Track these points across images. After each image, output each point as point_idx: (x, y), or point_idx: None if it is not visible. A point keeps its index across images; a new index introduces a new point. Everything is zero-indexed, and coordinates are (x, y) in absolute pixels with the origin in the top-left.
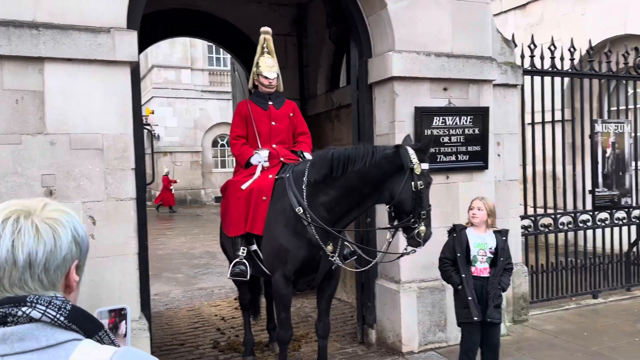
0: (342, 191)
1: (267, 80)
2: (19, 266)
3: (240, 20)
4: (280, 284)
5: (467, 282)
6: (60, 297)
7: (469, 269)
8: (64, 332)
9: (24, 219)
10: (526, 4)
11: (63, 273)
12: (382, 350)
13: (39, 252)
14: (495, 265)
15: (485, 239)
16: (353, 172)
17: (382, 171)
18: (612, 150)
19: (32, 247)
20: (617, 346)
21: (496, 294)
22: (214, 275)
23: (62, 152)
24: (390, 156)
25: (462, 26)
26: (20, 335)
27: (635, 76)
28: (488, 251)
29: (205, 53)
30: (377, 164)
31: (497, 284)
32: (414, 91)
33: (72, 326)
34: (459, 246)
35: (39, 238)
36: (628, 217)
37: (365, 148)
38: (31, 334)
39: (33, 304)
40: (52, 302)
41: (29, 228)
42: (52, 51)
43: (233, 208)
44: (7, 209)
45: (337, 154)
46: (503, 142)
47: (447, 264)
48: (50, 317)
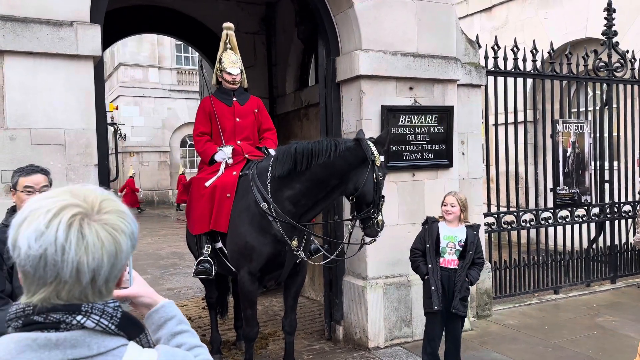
0: (308, 184)
1: (230, 76)
2: (82, 281)
3: (208, 18)
4: (246, 281)
5: (433, 273)
6: (110, 304)
7: (437, 260)
8: (113, 339)
9: (87, 225)
10: (491, 7)
11: (118, 278)
12: (349, 346)
13: (103, 267)
14: (464, 258)
15: (455, 232)
16: (318, 165)
17: (347, 163)
18: (573, 149)
19: (98, 261)
20: (576, 339)
21: (463, 286)
22: (182, 275)
23: (23, 147)
24: (352, 148)
25: (428, 27)
26: (72, 342)
27: (595, 78)
28: (457, 244)
29: (174, 52)
30: (342, 156)
31: (464, 277)
32: (381, 90)
33: (120, 332)
34: (429, 237)
35: (103, 252)
36: (588, 214)
37: (327, 141)
38: (83, 341)
39: (88, 314)
40: (105, 311)
41: (94, 239)
42: (12, 44)
43: (197, 206)
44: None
45: (301, 148)
46: (467, 141)
47: (417, 255)
48: (102, 327)
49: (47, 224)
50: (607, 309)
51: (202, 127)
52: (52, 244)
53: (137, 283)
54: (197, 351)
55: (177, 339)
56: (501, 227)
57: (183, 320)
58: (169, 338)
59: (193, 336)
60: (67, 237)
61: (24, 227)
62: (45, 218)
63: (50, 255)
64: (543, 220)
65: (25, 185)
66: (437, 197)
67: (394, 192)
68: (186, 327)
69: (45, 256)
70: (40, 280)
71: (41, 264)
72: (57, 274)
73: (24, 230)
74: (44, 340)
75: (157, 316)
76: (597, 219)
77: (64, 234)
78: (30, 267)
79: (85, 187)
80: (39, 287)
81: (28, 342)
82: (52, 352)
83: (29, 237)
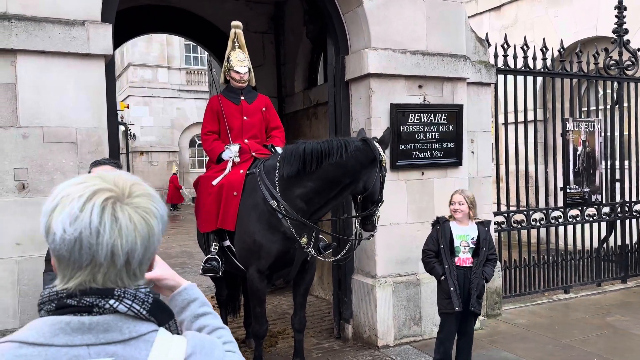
0: (321, 182)
1: (238, 74)
2: (117, 264)
3: (217, 18)
4: (255, 279)
5: (450, 273)
6: (143, 289)
7: (452, 260)
8: (144, 324)
9: (120, 209)
10: (501, 6)
11: (150, 261)
12: (358, 344)
13: (137, 249)
14: (477, 255)
15: (467, 230)
16: (331, 164)
17: (358, 162)
18: (583, 148)
19: (132, 244)
20: (587, 338)
21: (479, 284)
22: (191, 274)
23: (35, 145)
24: (362, 148)
25: (437, 25)
26: (105, 326)
27: (605, 76)
28: (470, 242)
29: (183, 52)
30: (354, 156)
31: (480, 274)
32: (390, 88)
33: (151, 318)
34: (442, 238)
35: (136, 234)
36: (598, 213)
37: (337, 141)
38: (115, 325)
39: (120, 298)
40: (137, 296)
41: (127, 222)
42: (25, 43)
43: (204, 204)
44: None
45: (309, 148)
46: (477, 139)
47: (430, 256)
48: (134, 312)
49: (81, 208)
50: (618, 309)
51: (210, 125)
52: (87, 227)
53: (160, 266)
54: (220, 333)
55: (200, 320)
56: (511, 226)
57: (205, 303)
58: (192, 320)
59: (215, 318)
60: (101, 221)
61: (57, 212)
62: (78, 202)
63: (85, 238)
64: (553, 219)
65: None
66: (447, 195)
67: (403, 190)
68: (208, 309)
69: (81, 239)
70: (75, 264)
71: (76, 247)
72: (93, 257)
73: (57, 215)
74: (77, 324)
75: (180, 298)
76: (607, 218)
77: (98, 217)
78: (65, 251)
79: (113, 173)
80: (75, 271)
81: (61, 325)
82: (85, 336)
83: (63, 222)
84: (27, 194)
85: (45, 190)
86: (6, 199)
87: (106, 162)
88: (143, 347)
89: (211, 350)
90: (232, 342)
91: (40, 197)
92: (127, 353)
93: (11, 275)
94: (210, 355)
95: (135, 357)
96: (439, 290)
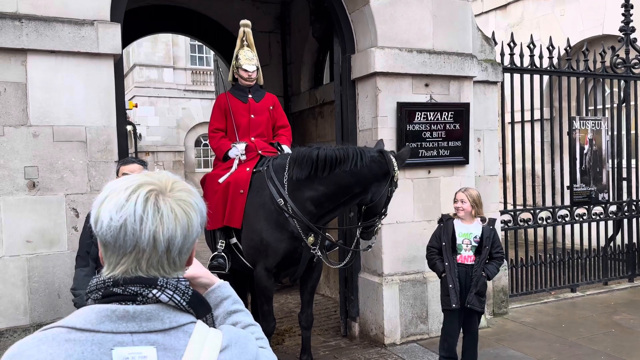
0: (333, 188)
1: (246, 73)
2: (159, 250)
3: (224, 17)
4: (262, 277)
5: (450, 270)
6: (183, 281)
7: (454, 257)
8: (183, 315)
9: (162, 200)
10: (506, 4)
11: (189, 253)
12: (365, 342)
13: (177, 237)
14: (480, 253)
15: (470, 228)
16: (345, 171)
17: (372, 173)
18: (590, 147)
19: (172, 232)
20: (594, 337)
21: (479, 281)
22: None
23: (46, 144)
24: (377, 160)
25: (443, 23)
26: (148, 315)
27: (612, 74)
28: (473, 240)
29: (188, 52)
30: (368, 167)
31: (480, 272)
32: (396, 87)
33: (190, 310)
34: (444, 235)
35: (176, 223)
36: (605, 212)
37: (353, 149)
38: (157, 314)
39: (162, 288)
40: (178, 287)
41: (168, 212)
42: (35, 43)
43: (211, 201)
44: (140, 184)
45: (323, 155)
46: (483, 138)
47: (434, 253)
48: (175, 302)
49: (127, 198)
50: (624, 307)
51: (217, 123)
52: (132, 214)
53: (195, 265)
54: (252, 329)
55: (233, 317)
56: (517, 224)
57: (238, 300)
58: (225, 316)
59: (247, 315)
60: (145, 209)
61: (105, 203)
62: (125, 193)
63: (129, 224)
64: (560, 218)
65: (123, 173)
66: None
67: (410, 189)
68: (241, 306)
69: (125, 226)
70: (120, 250)
71: (121, 233)
72: (136, 242)
73: (106, 205)
74: (122, 312)
75: (213, 295)
76: (614, 216)
77: (141, 206)
78: (110, 238)
79: (158, 172)
80: (120, 257)
81: (107, 312)
82: (129, 324)
83: (110, 211)
84: (38, 192)
85: (55, 188)
86: (17, 197)
87: (133, 161)
88: (182, 337)
89: (245, 344)
90: (263, 339)
91: (50, 195)
92: (167, 342)
93: (22, 273)
94: (244, 349)
95: (174, 346)
96: (442, 287)
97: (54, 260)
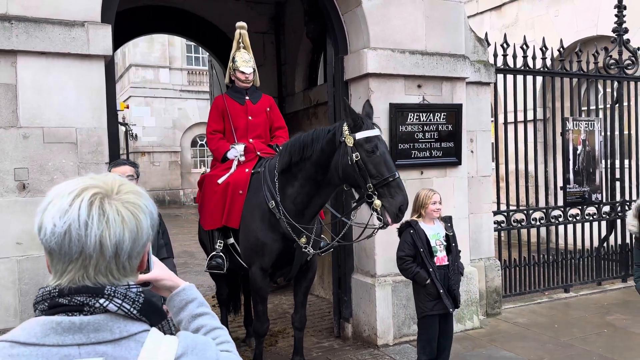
0: (302, 181)
1: (243, 75)
2: (106, 255)
3: (218, 18)
4: (258, 277)
5: (435, 275)
6: (134, 288)
7: (433, 261)
8: (135, 324)
9: (107, 203)
10: (501, 5)
11: (140, 257)
12: (358, 343)
13: (125, 241)
14: (450, 252)
15: (435, 229)
16: (306, 159)
17: (325, 154)
18: (583, 147)
19: (120, 236)
20: (587, 337)
21: (458, 280)
22: (192, 274)
23: (36, 145)
24: (331, 134)
25: (436, 24)
26: (95, 326)
27: (605, 75)
28: (442, 239)
29: (184, 52)
30: (321, 148)
31: (457, 270)
32: (389, 88)
33: (142, 317)
34: (419, 240)
35: (124, 226)
36: (598, 212)
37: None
38: (106, 325)
39: (110, 297)
40: (127, 295)
41: (114, 215)
42: (25, 44)
43: (209, 202)
44: (84, 188)
45: (293, 139)
46: (476, 139)
47: (409, 262)
48: (125, 310)
49: (71, 203)
50: (618, 308)
51: (215, 125)
52: (76, 220)
53: (158, 267)
54: (217, 333)
55: (198, 320)
56: (511, 225)
57: (203, 303)
58: (190, 320)
59: (213, 318)
60: (90, 213)
61: (49, 209)
62: (68, 198)
63: (74, 230)
64: (553, 218)
65: None
66: (446, 195)
67: None
68: (206, 309)
69: (70, 232)
70: (66, 257)
71: (66, 240)
72: (82, 248)
73: (49, 211)
74: (68, 324)
75: (178, 299)
76: (607, 217)
77: (86, 210)
78: (55, 245)
79: (104, 175)
80: (66, 264)
81: (52, 325)
82: (76, 336)
83: (53, 217)
84: (28, 194)
85: (46, 190)
86: (7, 199)
87: (125, 163)
88: (133, 346)
89: (203, 351)
90: (229, 342)
91: (41, 197)
92: (117, 353)
93: (12, 275)
94: (202, 356)
95: (125, 357)
96: (421, 293)
97: (44, 262)
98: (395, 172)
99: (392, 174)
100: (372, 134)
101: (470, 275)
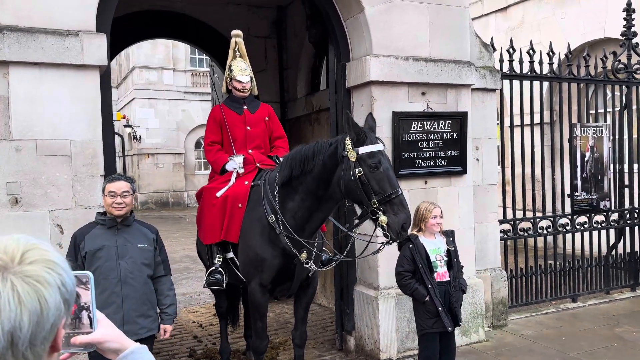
0: (303, 195)
1: (240, 84)
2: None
3: (219, 23)
4: (257, 293)
5: (434, 292)
6: None
7: (433, 277)
8: None
9: (1, 280)
10: (507, 7)
11: (50, 341)
12: (361, 357)
13: (23, 327)
14: (451, 267)
15: (437, 244)
16: (307, 173)
17: (326, 168)
18: (591, 154)
19: (14, 321)
20: (595, 351)
21: (459, 297)
22: (194, 280)
23: (29, 158)
24: (333, 148)
25: (440, 30)
26: None
27: (614, 80)
28: (443, 254)
29: (188, 54)
30: (323, 162)
31: (458, 286)
32: (392, 96)
33: None
34: (418, 256)
35: (22, 308)
36: (607, 220)
37: (322, 143)
38: None
39: None
40: None
41: (8, 296)
42: (18, 55)
43: (208, 216)
44: None
45: (294, 151)
46: (482, 146)
47: (408, 277)
48: None
49: None
50: (627, 319)
51: (213, 136)
52: None
53: (103, 326)
54: None
55: None
56: (517, 234)
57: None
58: None
59: None
60: None
61: None
62: None
63: None
64: (560, 226)
65: (109, 191)
66: (451, 205)
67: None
68: None
69: None
70: None
71: None
72: None
73: None
74: None
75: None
76: (616, 225)
77: None
78: None
79: (8, 237)
80: None
81: None
82: None
83: None
84: (21, 208)
85: (39, 204)
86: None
87: (120, 178)
88: None
89: None
90: None
91: (34, 211)
92: None
93: None
94: None
95: None
96: (420, 309)
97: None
98: (398, 189)
99: (395, 190)
100: (376, 149)
101: (476, 287)
